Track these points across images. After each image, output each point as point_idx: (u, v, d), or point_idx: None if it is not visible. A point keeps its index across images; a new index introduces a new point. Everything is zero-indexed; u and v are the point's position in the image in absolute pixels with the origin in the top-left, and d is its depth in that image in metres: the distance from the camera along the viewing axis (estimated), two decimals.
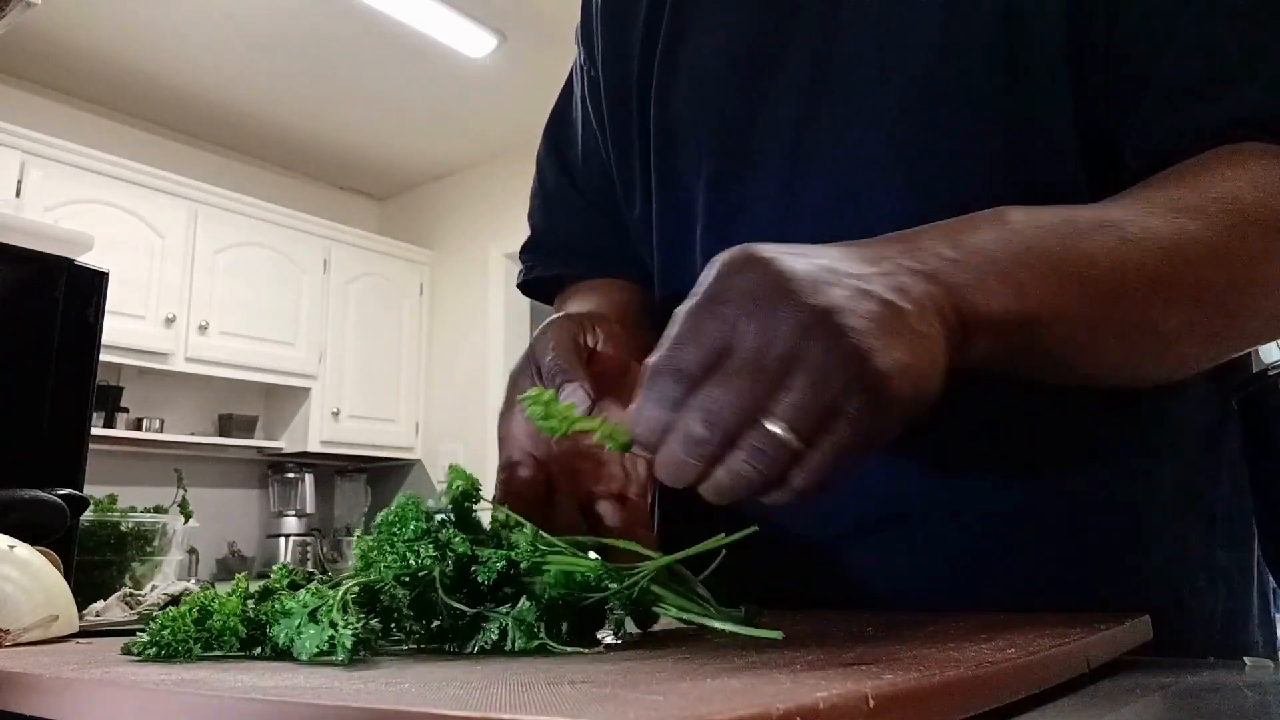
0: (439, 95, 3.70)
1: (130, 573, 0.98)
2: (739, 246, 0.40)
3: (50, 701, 0.33)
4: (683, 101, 0.68)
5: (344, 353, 3.94)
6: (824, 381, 0.35)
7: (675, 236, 0.69)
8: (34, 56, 3.33)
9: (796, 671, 0.30)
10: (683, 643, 0.42)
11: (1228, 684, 0.38)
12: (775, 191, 0.63)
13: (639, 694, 0.26)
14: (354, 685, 0.30)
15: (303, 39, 3.30)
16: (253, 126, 3.94)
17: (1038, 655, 0.33)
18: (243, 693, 0.28)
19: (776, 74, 0.63)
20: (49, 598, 0.51)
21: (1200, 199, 0.47)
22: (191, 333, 3.43)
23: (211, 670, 0.35)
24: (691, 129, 0.67)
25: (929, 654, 0.33)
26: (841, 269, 0.39)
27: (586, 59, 0.79)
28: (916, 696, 0.26)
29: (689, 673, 0.30)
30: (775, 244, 0.40)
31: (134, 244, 3.29)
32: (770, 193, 0.63)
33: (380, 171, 4.44)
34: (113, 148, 3.39)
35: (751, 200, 0.64)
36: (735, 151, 0.65)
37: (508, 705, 0.24)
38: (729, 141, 0.65)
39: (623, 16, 0.74)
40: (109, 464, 3.28)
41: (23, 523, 0.65)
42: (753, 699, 0.23)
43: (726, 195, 0.65)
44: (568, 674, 0.31)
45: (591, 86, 0.78)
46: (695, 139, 0.67)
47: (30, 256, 0.86)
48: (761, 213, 0.63)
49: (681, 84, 0.68)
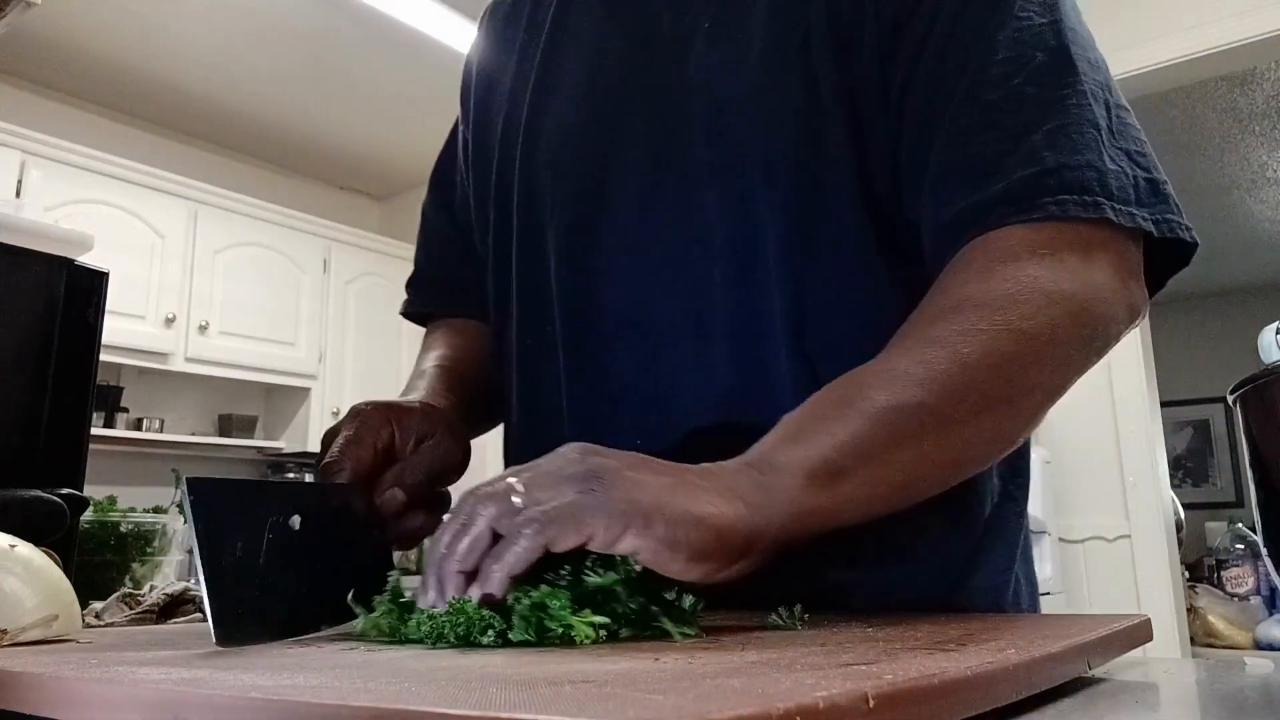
0: (439, 95, 3.70)
1: (130, 573, 0.98)
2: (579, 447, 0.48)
3: (50, 701, 0.33)
4: (544, 153, 0.74)
5: (344, 353, 3.94)
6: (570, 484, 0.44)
7: (533, 279, 0.74)
8: (34, 56, 3.32)
9: (796, 671, 0.30)
10: (683, 643, 0.42)
11: (1228, 683, 0.38)
12: (628, 231, 0.68)
13: (639, 694, 0.26)
14: (354, 685, 0.30)
15: (303, 39, 3.30)
16: (253, 126, 3.94)
17: (1037, 655, 0.33)
18: (243, 692, 0.28)
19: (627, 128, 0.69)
20: (50, 597, 0.51)
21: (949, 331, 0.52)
22: (191, 333, 3.43)
23: (212, 670, 0.35)
24: (552, 178, 0.73)
25: (929, 654, 0.33)
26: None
27: (462, 118, 0.89)
28: (916, 696, 0.26)
29: (689, 673, 0.30)
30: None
31: (134, 244, 3.28)
32: (624, 234, 0.68)
33: (380, 171, 4.44)
34: (113, 148, 3.39)
35: (607, 240, 0.69)
36: (591, 196, 0.70)
37: (508, 705, 0.24)
38: (586, 187, 0.71)
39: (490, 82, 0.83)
40: (109, 464, 3.28)
41: (23, 523, 0.65)
42: (753, 699, 0.23)
43: (584, 236, 0.70)
44: (568, 674, 0.31)
45: (464, 143, 0.88)
46: (555, 186, 0.73)
47: (30, 256, 0.86)
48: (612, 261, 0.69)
49: (544, 138, 0.74)
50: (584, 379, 0.69)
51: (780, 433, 0.51)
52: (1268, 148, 4.10)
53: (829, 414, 0.51)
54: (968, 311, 0.52)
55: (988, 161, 0.56)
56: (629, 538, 0.42)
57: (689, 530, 0.43)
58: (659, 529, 0.42)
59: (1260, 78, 3.47)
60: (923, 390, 0.50)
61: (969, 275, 0.55)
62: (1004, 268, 0.54)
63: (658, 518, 0.43)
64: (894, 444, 0.50)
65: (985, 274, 0.54)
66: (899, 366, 0.52)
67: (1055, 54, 0.58)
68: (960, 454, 0.53)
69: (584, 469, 0.45)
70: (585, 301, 0.70)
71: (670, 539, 0.43)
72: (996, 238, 0.55)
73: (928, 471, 0.52)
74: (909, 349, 0.53)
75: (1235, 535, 3.54)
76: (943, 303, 0.54)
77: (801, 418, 0.52)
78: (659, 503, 0.43)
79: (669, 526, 0.43)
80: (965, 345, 0.51)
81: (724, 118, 0.65)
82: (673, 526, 0.43)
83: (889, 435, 0.50)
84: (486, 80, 0.84)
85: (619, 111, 0.70)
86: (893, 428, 0.50)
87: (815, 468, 0.48)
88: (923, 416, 0.50)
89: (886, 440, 0.50)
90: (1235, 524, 3.62)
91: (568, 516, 0.42)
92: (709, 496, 0.45)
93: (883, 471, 0.50)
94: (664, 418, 0.65)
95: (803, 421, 0.51)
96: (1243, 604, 3.41)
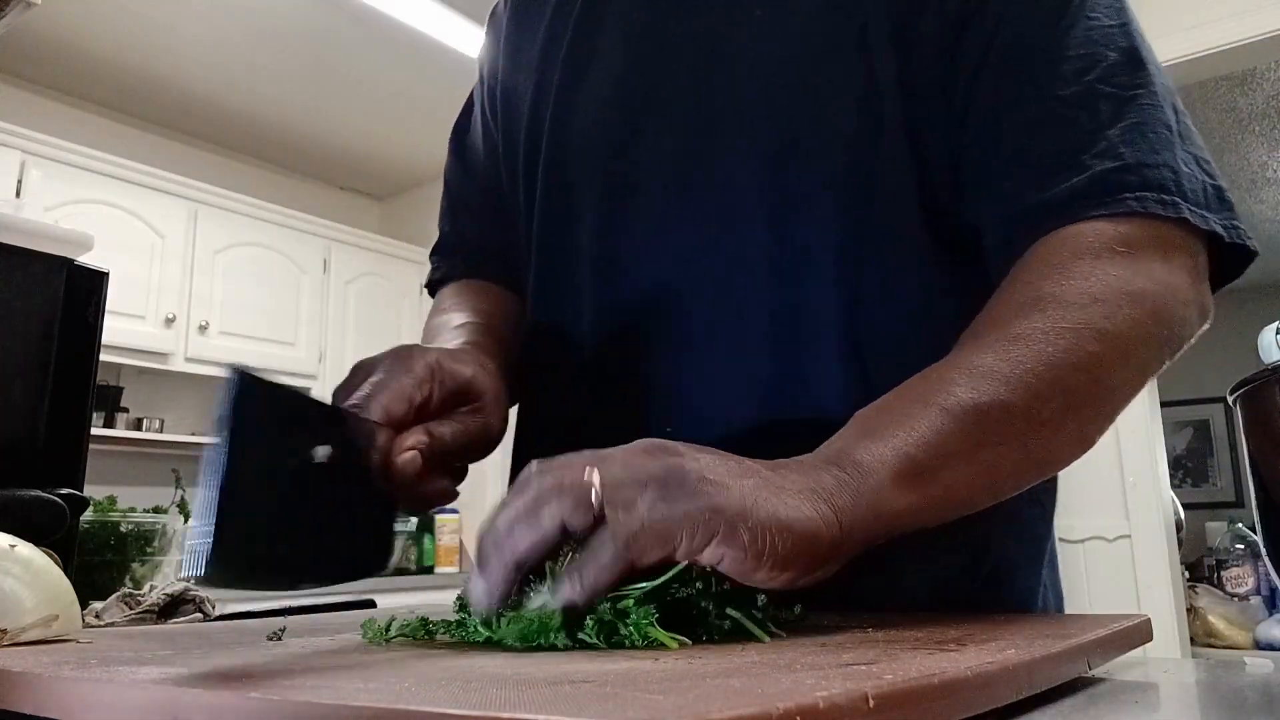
0: (439, 95, 3.70)
1: (130, 573, 0.98)
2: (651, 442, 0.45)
3: (50, 701, 0.33)
4: (576, 125, 0.72)
5: (344, 353, 3.93)
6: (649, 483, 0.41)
7: (557, 245, 0.72)
8: (34, 56, 3.32)
9: (796, 671, 0.30)
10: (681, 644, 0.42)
11: (1228, 683, 0.38)
12: (657, 215, 0.67)
13: (639, 694, 0.26)
14: (354, 685, 0.30)
15: (303, 39, 3.30)
16: (253, 126, 3.94)
17: (1038, 655, 0.33)
18: (242, 692, 0.28)
19: (662, 107, 0.68)
20: (50, 596, 0.51)
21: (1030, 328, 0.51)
22: (191, 333, 3.42)
23: (212, 670, 0.35)
24: (583, 152, 0.71)
25: (929, 654, 0.33)
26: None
27: (489, 74, 0.85)
28: (916, 696, 0.26)
29: (689, 672, 0.30)
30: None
31: (134, 244, 3.28)
32: (653, 216, 0.67)
33: (380, 171, 4.44)
34: (113, 148, 3.39)
35: (635, 222, 0.68)
36: (621, 174, 0.69)
37: (508, 704, 0.24)
38: (616, 166, 0.69)
39: (521, 44, 0.80)
40: (109, 464, 3.28)
41: (23, 523, 0.65)
42: (753, 699, 0.23)
43: (611, 218, 0.69)
44: (568, 674, 0.31)
45: (490, 99, 0.84)
46: (585, 160, 0.71)
47: (30, 256, 0.86)
48: (644, 234, 0.67)
49: (576, 109, 0.72)
50: (612, 367, 0.68)
51: (859, 428, 0.49)
52: (1268, 148, 4.10)
53: (911, 410, 0.49)
54: (1050, 308, 0.51)
55: (1063, 156, 0.55)
56: (713, 548, 0.40)
57: (775, 538, 0.41)
58: (744, 537, 0.40)
59: (1260, 78, 3.47)
60: (1008, 389, 0.49)
61: (1047, 270, 0.53)
62: (1084, 264, 0.52)
63: (742, 525, 0.41)
64: (979, 444, 0.48)
65: (1065, 270, 0.52)
66: (983, 363, 0.50)
67: (1126, 54, 0.57)
68: (1043, 455, 0.52)
69: (663, 470, 0.42)
70: (615, 287, 0.68)
71: (756, 548, 0.41)
72: (1074, 233, 0.54)
73: (1011, 472, 0.51)
74: (992, 345, 0.51)
75: (1235, 535, 3.54)
76: (1021, 298, 0.53)
77: (881, 413, 0.50)
78: (743, 509, 0.41)
79: (754, 534, 0.41)
80: (1050, 344, 0.49)
81: (773, 108, 0.63)
82: (758, 534, 0.41)
83: (974, 434, 0.48)
84: (516, 41, 0.81)
85: (656, 92, 0.68)
86: (978, 427, 0.48)
87: (902, 467, 0.46)
88: (1009, 416, 0.49)
89: (972, 440, 0.48)
90: (1235, 524, 3.62)
91: (651, 529, 0.40)
92: (794, 499, 0.43)
93: (968, 472, 0.49)
94: (694, 410, 0.64)
95: (883, 417, 0.49)
96: (1243, 604, 3.41)
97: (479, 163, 0.87)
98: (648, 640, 0.39)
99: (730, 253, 0.64)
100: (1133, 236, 0.53)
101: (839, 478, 0.45)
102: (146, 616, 0.75)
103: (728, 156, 0.64)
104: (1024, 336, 0.50)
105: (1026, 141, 0.57)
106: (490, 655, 0.39)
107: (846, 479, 0.45)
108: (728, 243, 0.64)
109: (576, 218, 0.71)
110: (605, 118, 0.70)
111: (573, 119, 0.72)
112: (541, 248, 0.74)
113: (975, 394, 0.48)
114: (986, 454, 0.49)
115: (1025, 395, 0.49)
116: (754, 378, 0.62)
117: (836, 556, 0.44)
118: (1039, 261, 0.54)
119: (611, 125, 0.70)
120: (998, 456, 0.49)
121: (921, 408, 0.48)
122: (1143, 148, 0.54)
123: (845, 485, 0.45)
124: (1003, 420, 0.49)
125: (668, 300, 0.65)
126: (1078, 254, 0.53)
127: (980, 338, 0.52)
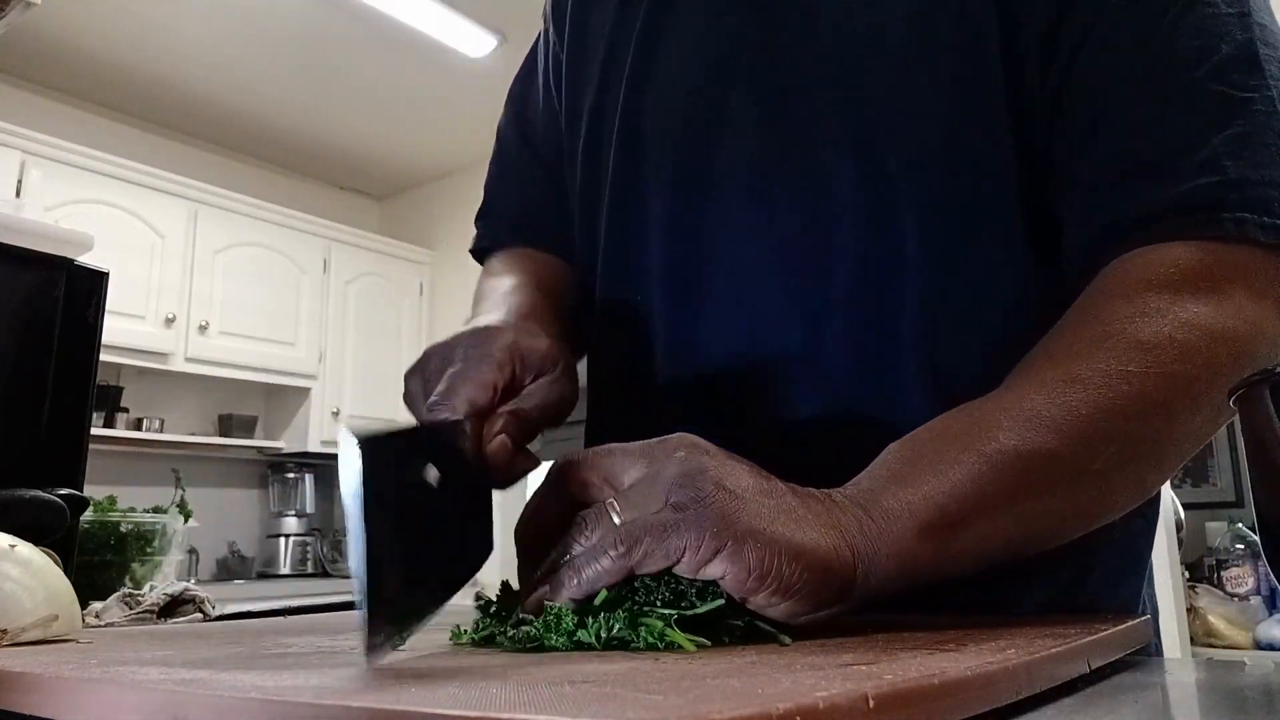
0: (439, 95, 3.70)
1: (130, 573, 0.98)
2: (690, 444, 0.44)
3: (50, 701, 0.33)
4: (650, 107, 0.68)
5: (344, 353, 3.94)
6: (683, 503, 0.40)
7: (625, 224, 0.68)
8: (34, 56, 3.32)
9: (796, 671, 0.30)
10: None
11: (1228, 683, 0.38)
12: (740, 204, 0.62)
13: (639, 694, 0.26)
14: (354, 685, 0.30)
15: (303, 39, 3.30)
16: (253, 126, 3.94)
17: (1038, 655, 0.33)
18: (243, 693, 0.28)
19: (744, 89, 0.63)
20: (50, 597, 0.51)
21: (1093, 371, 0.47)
22: (191, 333, 3.43)
23: (212, 670, 0.35)
24: (657, 136, 0.67)
25: (929, 654, 0.33)
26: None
27: (556, 36, 0.78)
28: (916, 696, 0.26)
29: (689, 673, 0.30)
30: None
31: (134, 244, 3.29)
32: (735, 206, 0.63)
33: (380, 171, 4.44)
34: (113, 148, 3.39)
35: (710, 222, 0.64)
36: (694, 169, 0.64)
37: (508, 705, 0.24)
38: (688, 158, 0.65)
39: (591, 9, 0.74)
40: (109, 464, 3.28)
41: (23, 523, 0.65)
42: (753, 699, 0.23)
43: (684, 216, 0.65)
44: (568, 674, 0.31)
45: (555, 65, 0.78)
46: (660, 146, 0.67)
47: (30, 256, 0.86)
48: (719, 235, 0.63)
49: (650, 90, 0.68)
50: (680, 357, 0.64)
51: (889, 468, 0.46)
52: None
53: (946, 453, 0.45)
54: (1117, 347, 0.46)
55: (1159, 163, 0.50)
56: (717, 562, 0.39)
57: (784, 562, 0.39)
58: (750, 556, 0.39)
59: None
60: (1057, 437, 0.45)
61: (1120, 302, 0.48)
62: (1161, 298, 0.47)
63: (751, 543, 0.39)
64: (1019, 495, 0.45)
65: (1139, 303, 0.47)
66: (1033, 407, 0.46)
67: (1242, 49, 0.50)
68: (1092, 507, 0.49)
69: (681, 473, 0.41)
70: (687, 275, 0.64)
71: (761, 568, 0.39)
72: (1156, 259, 0.49)
73: (1053, 525, 0.48)
74: (1045, 385, 0.47)
75: (1235, 535, 3.54)
76: (1086, 333, 0.48)
77: (914, 453, 0.46)
78: (755, 527, 0.40)
79: (761, 555, 0.39)
80: (1111, 389, 0.45)
81: (862, 90, 0.59)
82: (766, 555, 0.39)
83: (1014, 485, 0.45)
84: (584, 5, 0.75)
85: (734, 70, 0.63)
86: (1019, 477, 0.45)
87: (930, 518, 0.43)
88: (1054, 466, 0.45)
89: (1011, 490, 0.45)
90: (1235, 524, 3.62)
91: (656, 537, 0.39)
92: (813, 529, 0.41)
93: (1003, 524, 0.45)
94: (766, 409, 0.60)
95: (916, 458, 0.46)
96: (1243, 604, 3.40)
97: (538, 128, 0.81)
98: (666, 643, 0.38)
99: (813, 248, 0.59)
100: (1222, 265, 0.48)
101: (861, 521, 0.43)
102: (146, 616, 0.75)
103: (816, 145, 0.60)
104: (1082, 379, 0.46)
105: (1120, 143, 0.52)
106: (491, 656, 0.39)
107: (869, 523, 0.43)
108: (812, 236, 0.59)
109: (646, 209, 0.67)
110: (678, 103, 0.66)
111: (645, 100, 0.68)
112: (611, 227, 0.69)
113: (1020, 440, 0.45)
114: (1028, 506, 0.46)
115: (1076, 445, 0.45)
116: (829, 376, 0.59)
117: (846, 598, 0.42)
118: (1113, 290, 0.50)
119: (686, 111, 0.65)
120: (1041, 508, 0.46)
121: (959, 451, 0.45)
122: (1248, 161, 0.48)
123: (866, 530, 0.43)
124: (1048, 470, 0.45)
125: (744, 301, 0.62)
126: (1157, 284, 0.48)
127: (1034, 375, 0.48)
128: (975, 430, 0.46)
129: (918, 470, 0.45)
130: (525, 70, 0.85)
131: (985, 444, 0.45)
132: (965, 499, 0.44)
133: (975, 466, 0.44)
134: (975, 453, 0.45)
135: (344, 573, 3.65)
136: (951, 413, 0.48)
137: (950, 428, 0.47)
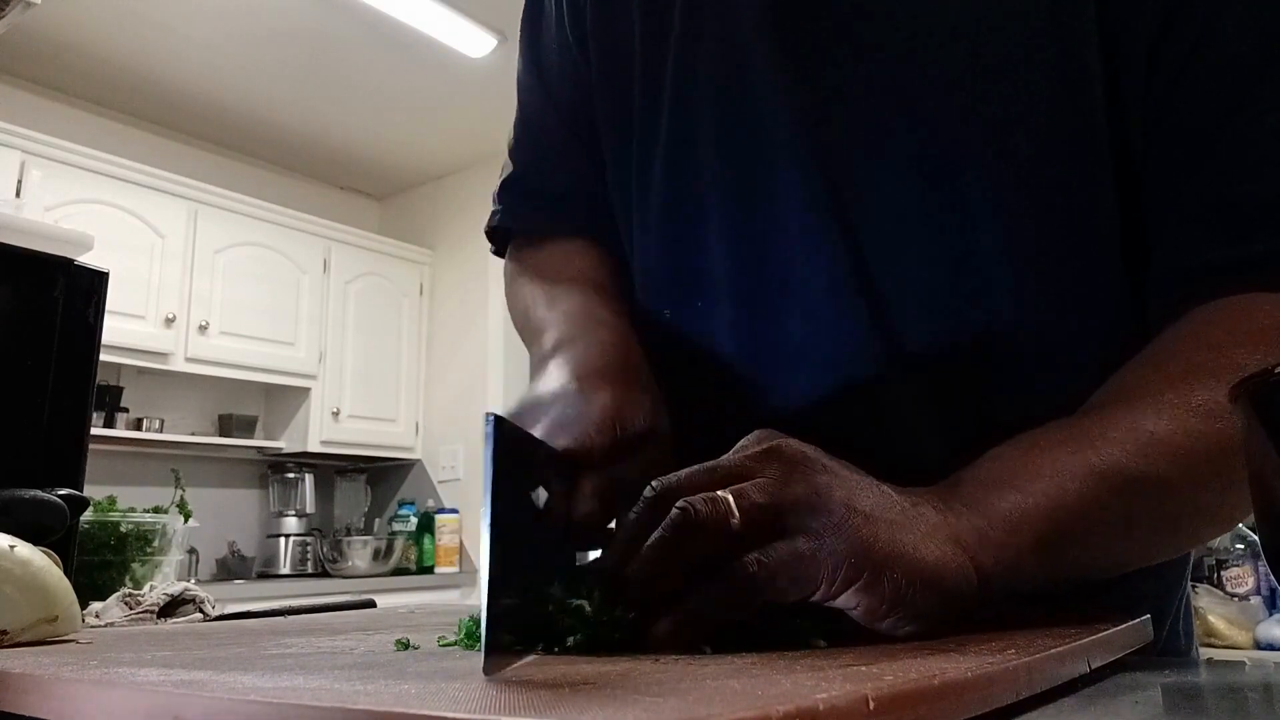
0: (439, 95, 3.70)
1: (130, 573, 0.98)
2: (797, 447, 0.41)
3: (50, 701, 0.33)
4: (703, 80, 0.61)
5: (344, 353, 3.93)
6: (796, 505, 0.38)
7: (683, 217, 0.63)
8: (34, 56, 3.32)
9: (796, 673, 0.30)
10: None
11: (1228, 684, 0.38)
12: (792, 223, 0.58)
13: (639, 694, 0.26)
14: (354, 686, 0.30)
15: (303, 39, 3.30)
16: (253, 126, 3.94)
17: (1038, 655, 0.33)
18: (242, 693, 0.28)
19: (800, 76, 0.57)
20: (50, 597, 0.51)
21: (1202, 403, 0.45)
22: (191, 333, 3.43)
23: (212, 671, 0.35)
24: (716, 115, 0.61)
25: (929, 654, 0.33)
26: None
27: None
28: (916, 696, 0.26)
29: (689, 674, 0.30)
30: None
31: (134, 244, 3.28)
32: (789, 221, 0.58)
33: (380, 171, 4.44)
34: (113, 148, 3.39)
35: (774, 225, 0.59)
36: (748, 163, 0.59)
37: (507, 706, 0.24)
38: (744, 151, 0.60)
39: None
40: (109, 464, 3.28)
41: (23, 523, 0.65)
42: (753, 700, 0.23)
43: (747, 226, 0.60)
44: (567, 675, 0.31)
45: (575, 10, 0.70)
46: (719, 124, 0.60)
47: (30, 256, 0.86)
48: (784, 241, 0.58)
49: (698, 69, 0.61)
50: (750, 342, 0.60)
51: (1000, 475, 0.44)
52: None
53: (1063, 466, 0.43)
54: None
55: (1263, 208, 0.47)
56: (852, 593, 0.37)
57: (917, 591, 0.37)
58: (886, 587, 0.37)
59: None
60: (1178, 469, 0.43)
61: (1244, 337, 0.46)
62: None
63: (887, 573, 0.37)
64: (1135, 521, 0.44)
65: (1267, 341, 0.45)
66: (1157, 431, 0.44)
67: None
68: (1189, 540, 0.49)
69: (806, 492, 0.38)
70: (754, 262, 0.59)
71: (896, 597, 0.37)
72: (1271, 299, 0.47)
73: (1150, 550, 0.47)
74: (1166, 410, 0.45)
75: (1235, 535, 3.54)
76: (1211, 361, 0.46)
77: (1026, 463, 0.44)
78: (892, 554, 0.37)
79: (898, 584, 0.37)
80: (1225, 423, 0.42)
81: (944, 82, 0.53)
82: (902, 584, 0.37)
83: (1129, 510, 0.44)
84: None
85: (790, 58, 0.57)
86: (1134, 502, 0.44)
87: (1048, 533, 0.42)
88: (1169, 496, 0.44)
89: (1126, 515, 0.44)
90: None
91: (791, 570, 0.37)
92: (937, 547, 0.39)
93: (1115, 548, 0.45)
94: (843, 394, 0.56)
95: (1030, 468, 0.44)
96: (1243, 604, 3.40)
97: (561, 88, 0.72)
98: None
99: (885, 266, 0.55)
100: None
101: (981, 531, 0.41)
102: (146, 616, 0.75)
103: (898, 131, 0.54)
104: (1205, 411, 0.44)
105: (1220, 182, 0.48)
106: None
107: (989, 533, 0.41)
108: (881, 251, 0.55)
109: (703, 189, 0.61)
110: (732, 85, 0.59)
111: (695, 80, 0.61)
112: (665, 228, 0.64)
113: (1144, 464, 0.43)
114: (1138, 533, 0.45)
115: (1192, 479, 0.44)
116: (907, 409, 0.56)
117: (964, 616, 0.40)
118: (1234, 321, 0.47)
119: (740, 93, 0.59)
120: (1147, 535, 0.45)
121: (1074, 465, 0.43)
122: None
123: (987, 542, 0.41)
124: (1160, 499, 0.44)
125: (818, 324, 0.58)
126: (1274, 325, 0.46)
127: (1151, 397, 0.46)
128: (1087, 444, 0.44)
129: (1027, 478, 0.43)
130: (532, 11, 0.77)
131: (1099, 460, 0.43)
132: (1080, 516, 0.43)
133: (1088, 483, 0.43)
134: (1088, 468, 0.43)
135: (344, 572, 3.65)
136: (1059, 423, 0.46)
137: (1057, 438, 0.45)
